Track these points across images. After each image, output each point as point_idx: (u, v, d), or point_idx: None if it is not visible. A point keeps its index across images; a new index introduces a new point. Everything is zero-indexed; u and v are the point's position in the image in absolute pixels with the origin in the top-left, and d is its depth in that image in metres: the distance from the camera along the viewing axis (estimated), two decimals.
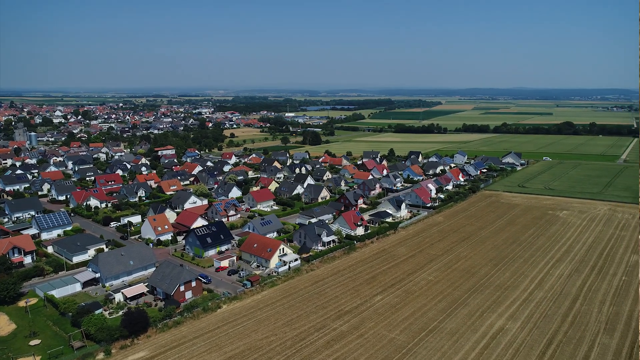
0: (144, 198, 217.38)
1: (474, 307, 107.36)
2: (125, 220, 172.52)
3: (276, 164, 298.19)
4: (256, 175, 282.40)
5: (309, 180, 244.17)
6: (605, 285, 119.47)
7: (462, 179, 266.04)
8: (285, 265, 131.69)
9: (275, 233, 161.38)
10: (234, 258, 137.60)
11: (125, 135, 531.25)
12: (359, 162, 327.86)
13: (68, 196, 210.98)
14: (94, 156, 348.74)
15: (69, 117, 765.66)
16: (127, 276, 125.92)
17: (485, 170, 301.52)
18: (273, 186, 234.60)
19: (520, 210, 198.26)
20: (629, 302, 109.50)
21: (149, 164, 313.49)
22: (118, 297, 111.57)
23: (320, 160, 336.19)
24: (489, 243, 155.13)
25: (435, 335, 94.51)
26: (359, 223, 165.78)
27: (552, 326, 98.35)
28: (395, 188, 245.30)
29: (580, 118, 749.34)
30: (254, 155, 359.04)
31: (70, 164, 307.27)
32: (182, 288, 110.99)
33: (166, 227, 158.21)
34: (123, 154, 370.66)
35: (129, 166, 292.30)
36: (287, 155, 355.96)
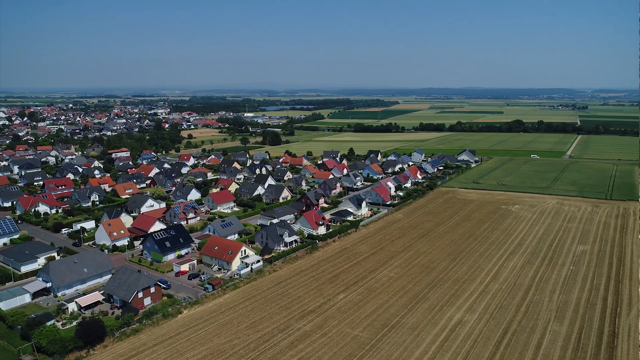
0: (97, 202, 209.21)
1: (434, 301, 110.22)
2: (77, 226, 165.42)
3: (236, 164, 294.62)
4: (216, 177, 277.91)
5: (270, 181, 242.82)
6: (555, 275, 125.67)
7: (420, 177, 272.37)
8: (247, 267, 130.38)
9: (236, 235, 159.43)
10: (195, 262, 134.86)
11: (76, 138, 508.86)
12: (319, 162, 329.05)
13: (14, 202, 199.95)
14: (42, 160, 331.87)
15: (13, 118, 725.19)
16: (81, 285, 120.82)
17: (441, 168, 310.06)
18: (233, 187, 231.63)
19: (475, 206, 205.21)
20: (577, 290, 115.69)
21: (102, 167, 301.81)
22: (71, 306, 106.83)
23: (280, 160, 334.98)
24: (447, 238, 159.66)
25: (397, 331, 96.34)
26: (320, 222, 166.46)
27: (507, 316, 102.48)
28: (355, 187, 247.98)
29: (529, 116, 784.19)
30: (213, 156, 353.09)
31: (16, 169, 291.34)
32: (140, 294, 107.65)
33: (122, 232, 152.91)
34: (74, 157, 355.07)
35: (80, 170, 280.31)
36: (247, 155, 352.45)
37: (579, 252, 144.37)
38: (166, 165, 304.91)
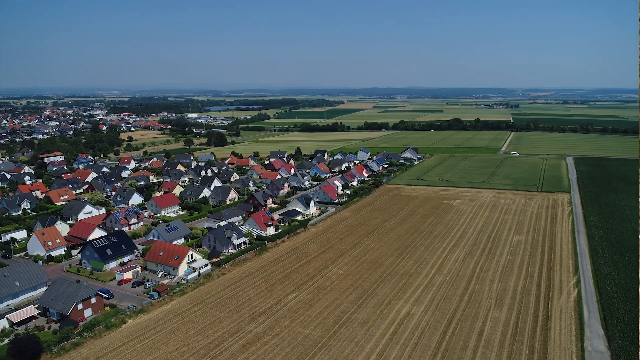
0: (29, 210, 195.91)
1: (383, 296, 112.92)
2: (7, 237, 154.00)
3: (180, 167, 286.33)
4: (159, 180, 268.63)
5: (216, 183, 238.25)
6: (494, 265, 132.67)
7: (366, 175, 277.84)
8: (194, 271, 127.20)
9: (182, 239, 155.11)
10: (138, 269, 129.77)
11: (2, 142, 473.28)
12: (266, 162, 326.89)
13: None
14: None
15: None
16: (13, 299, 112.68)
17: (386, 166, 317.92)
18: (178, 190, 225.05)
19: (419, 202, 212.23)
20: (514, 278, 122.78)
21: (33, 172, 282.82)
22: (2, 323, 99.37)
23: (226, 161, 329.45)
24: (393, 234, 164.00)
25: (348, 327, 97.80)
26: (269, 223, 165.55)
27: (452, 306, 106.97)
28: (303, 186, 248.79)
29: (467, 115, 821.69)
30: (155, 159, 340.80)
31: None
32: (80, 306, 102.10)
33: (58, 241, 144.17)
34: (1, 162, 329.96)
35: (8, 176, 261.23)
36: (192, 157, 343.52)
37: (514, 242, 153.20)
38: (105, 169, 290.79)
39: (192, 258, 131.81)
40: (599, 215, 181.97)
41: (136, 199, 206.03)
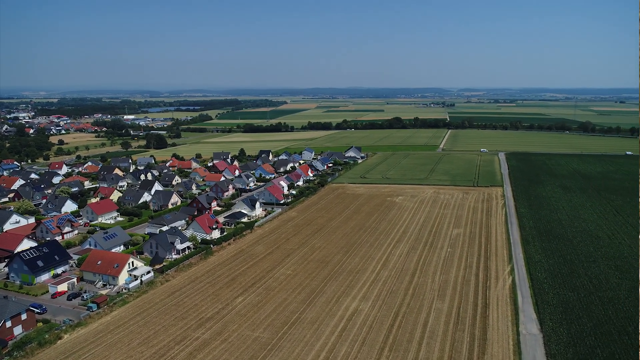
0: None
1: (331, 294, 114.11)
2: None
3: (117, 171, 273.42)
4: (94, 185, 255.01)
5: (157, 186, 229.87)
6: (436, 258, 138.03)
7: (311, 175, 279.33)
8: (136, 279, 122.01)
9: (122, 246, 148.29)
10: (74, 280, 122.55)
11: None
12: (209, 164, 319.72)
13: None
14: None
15: None
16: None
17: (331, 165, 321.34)
18: (115, 196, 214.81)
19: (363, 199, 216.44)
20: (454, 270, 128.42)
21: None
22: None
23: (167, 164, 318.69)
24: (340, 232, 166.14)
25: (297, 327, 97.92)
26: (214, 226, 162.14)
27: (397, 300, 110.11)
28: (248, 188, 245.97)
29: (406, 114, 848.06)
30: (90, 163, 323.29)
31: None
32: (8, 324, 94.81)
33: None
34: None
35: None
36: (130, 161, 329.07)
37: (454, 235, 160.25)
38: (33, 176, 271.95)
39: (133, 266, 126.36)
40: (529, 207, 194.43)
41: (70, 206, 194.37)
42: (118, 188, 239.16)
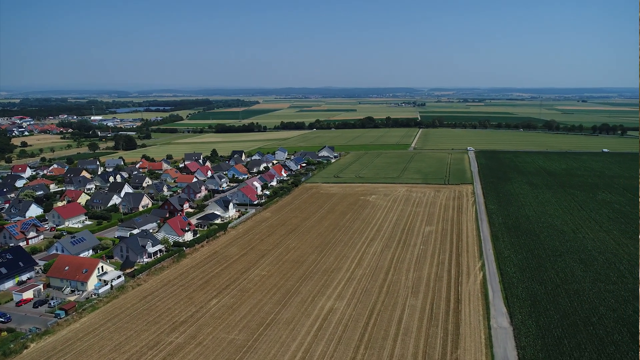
0: None
1: (306, 294, 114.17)
2: None
3: (85, 173, 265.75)
4: (61, 189, 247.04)
5: (127, 189, 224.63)
6: (409, 255, 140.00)
7: (284, 175, 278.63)
8: (106, 284, 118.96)
9: (91, 251, 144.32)
10: (40, 287, 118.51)
11: None
12: (181, 165, 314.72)
13: None
14: None
15: None
16: None
17: (304, 165, 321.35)
18: (83, 199, 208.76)
19: (337, 199, 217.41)
20: (427, 267, 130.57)
21: None
22: None
23: (137, 166, 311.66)
24: (314, 232, 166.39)
25: (273, 328, 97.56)
26: (186, 228, 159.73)
27: (372, 298, 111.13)
28: (221, 189, 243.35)
29: (378, 113, 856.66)
30: (55, 165, 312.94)
31: None
32: None
33: None
34: None
35: None
36: (98, 163, 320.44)
37: (426, 232, 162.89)
38: None
39: (102, 270, 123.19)
40: (498, 204, 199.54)
41: (34, 211, 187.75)
42: (86, 191, 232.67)
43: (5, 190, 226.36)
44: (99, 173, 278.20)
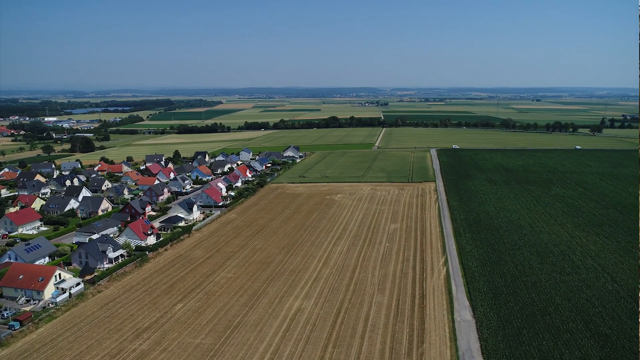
0: None
1: (273, 295, 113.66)
2: None
3: (39, 177, 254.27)
4: (13, 194, 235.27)
5: (85, 193, 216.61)
6: (375, 253, 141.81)
7: (249, 175, 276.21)
8: (64, 292, 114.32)
9: (47, 258, 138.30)
10: None
11: None
12: (142, 167, 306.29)
13: None
14: None
15: None
16: None
17: (269, 165, 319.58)
18: (38, 204, 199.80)
19: (303, 199, 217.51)
20: (392, 264, 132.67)
21: None
22: None
23: (96, 168, 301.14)
24: (280, 232, 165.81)
25: (240, 330, 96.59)
26: (149, 232, 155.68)
27: (339, 296, 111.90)
28: (184, 191, 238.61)
29: (342, 113, 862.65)
30: (6, 169, 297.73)
31: None
32: None
33: None
34: None
35: None
36: (53, 166, 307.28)
37: (391, 230, 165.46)
38: None
39: (60, 278, 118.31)
40: (460, 200, 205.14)
41: None
42: (40, 196, 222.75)
43: None
44: (55, 177, 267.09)
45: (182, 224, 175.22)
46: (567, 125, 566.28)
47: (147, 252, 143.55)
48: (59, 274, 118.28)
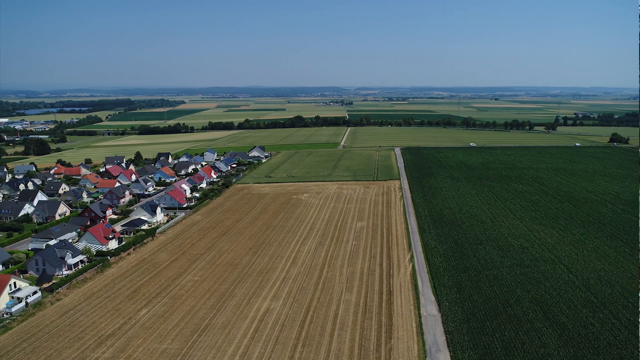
0: None
1: (241, 297, 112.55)
2: None
3: None
4: None
5: (40, 197, 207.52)
6: (342, 251, 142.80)
7: (214, 176, 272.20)
8: (20, 302, 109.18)
9: (0, 266, 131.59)
10: None
11: None
12: (102, 170, 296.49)
13: None
14: None
15: None
16: None
17: (235, 165, 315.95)
18: None
19: (270, 199, 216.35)
20: (360, 261, 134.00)
21: None
22: None
23: (52, 171, 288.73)
24: (247, 233, 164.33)
25: (208, 334, 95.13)
26: (110, 236, 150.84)
27: (308, 296, 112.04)
28: (147, 193, 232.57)
29: (307, 112, 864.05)
30: None
31: None
32: None
33: None
34: None
35: None
36: (5, 169, 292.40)
37: (358, 228, 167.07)
38: None
39: (15, 287, 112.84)
40: (424, 197, 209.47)
41: None
42: None
43: None
44: (7, 181, 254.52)
45: (145, 227, 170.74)
46: (524, 123, 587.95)
47: (109, 257, 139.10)
48: (14, 283, 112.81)
